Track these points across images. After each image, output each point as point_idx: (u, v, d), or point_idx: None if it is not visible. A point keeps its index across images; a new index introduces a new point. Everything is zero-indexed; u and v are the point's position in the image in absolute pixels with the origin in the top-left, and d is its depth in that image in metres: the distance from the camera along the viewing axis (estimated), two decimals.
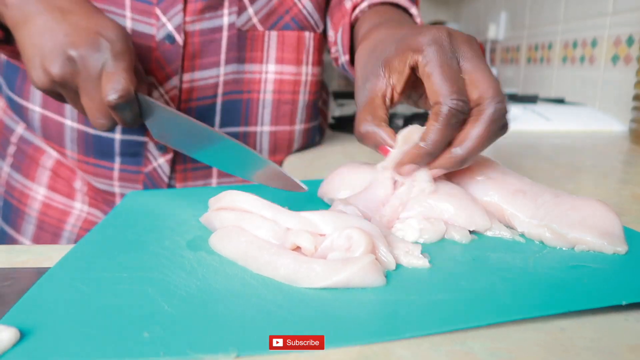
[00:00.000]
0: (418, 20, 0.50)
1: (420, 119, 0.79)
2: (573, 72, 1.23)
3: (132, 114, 0.42)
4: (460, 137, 0.33)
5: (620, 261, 0.30)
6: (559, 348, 0.21)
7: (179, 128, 0.42)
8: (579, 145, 0.79)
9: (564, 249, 0.32)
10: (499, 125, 0.34)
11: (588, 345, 0.21)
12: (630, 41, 1.01)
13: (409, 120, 0.80)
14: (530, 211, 0.34)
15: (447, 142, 0.34)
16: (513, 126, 0.97)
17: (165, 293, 0.26)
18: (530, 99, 1.21)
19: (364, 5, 0.51)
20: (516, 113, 1.03)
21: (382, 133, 0.35)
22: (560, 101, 1.19)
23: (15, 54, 0.49)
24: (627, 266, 0.29)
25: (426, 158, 0.34)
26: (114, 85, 0.40)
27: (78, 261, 0.30)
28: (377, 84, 0.37)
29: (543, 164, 0.62)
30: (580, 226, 0.32)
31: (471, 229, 0.34)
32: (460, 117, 0.33)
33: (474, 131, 0.33)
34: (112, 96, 0.40)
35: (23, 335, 0.21)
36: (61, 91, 0.42)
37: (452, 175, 0.38)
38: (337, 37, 0.58)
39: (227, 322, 0.23)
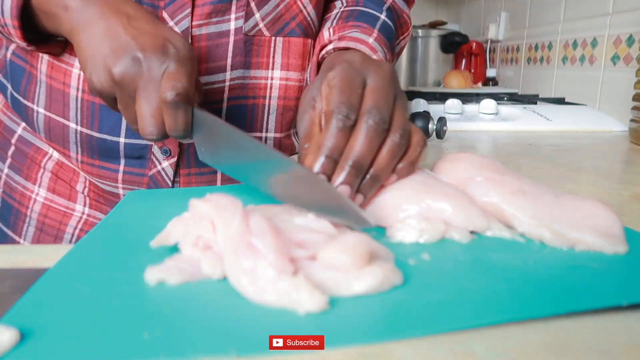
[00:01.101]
0: None
1: (420, 117, 0.79)
2: (573, 72, 1.23)
3: (185, 119, 0.41)
4: (348, 148, 0.36)
5: (621, 261, 0.30)
6: (559, 348, 0.21)
7: (231, 146, 0.40)
8: (579, 145, 0.79)
9: (564, 249, 0.32)
10: (376, 136, 0.36)
11: (588, 345, 0.21)
12: (630, 41, 1.01)
13: (409, 119, 0.79)
14: (531, 211, 0.34)
15: (342, 148, 0.36)
16: (513, 126, 0.98)
17: (165, 293, 0.26)
18: (530, 99, 1.22)
19: (329, 47, 0.53)
20: (516, 113, 1.03)
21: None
22: (560, 101, 1.19)
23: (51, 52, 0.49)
24: (627, 266, 0.29)
25: (328, 164, 0.36)
26: (174, 83, 0.39)
27: (78, 261, 0.30)
28: (313, 113, 0.40)
29: (543, 164, 0.62)
30: (581, 226, 0.32)
31: (469, 229, 0.34)
32: (346, 122, 0.36)
33: (353, 142, 0.36)
34: (170, 92, 0.39)
35: (23, 336, 0.21)
36: (117, 93, 0.42)
37: (450, 175, 0.38)
38: (305, 75, 0.61)
39: (227, 322, 0.23)
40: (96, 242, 0.33)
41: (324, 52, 0.54)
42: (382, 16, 0.57)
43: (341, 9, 0.60)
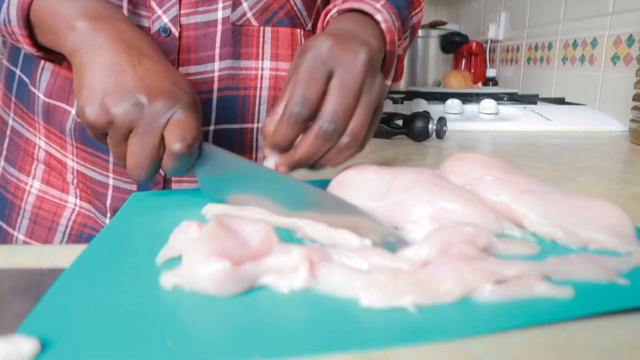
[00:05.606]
0: (383, 26, 0.46)
1: (420, 117, 0.79)
2: (573, 72, 1.23)
3: (188, 164, 0.40)
4: (298, 144, 0.39)
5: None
6: (559, 348, 0.21)
7: (237, 175, 0.39)
8: (579, 145, 0.80)
9: (575, 248, 0.31)
10: (325, 143, 0.38)
11: (588, 345, 0.21)
12: (630, 41, 1.01)
13: (409, 120, 0.80)
14: (541, 211, 0.34)
15: (289, 141, 0.39)
16: (513, 126, 0.98)
17: (183, 298, 0.25)
18: (530, 99, 1.22)
19: (333, 11, 0.50)
20: (516, 113, 1.03)
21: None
22: (560, 101, 1.19)
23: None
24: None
25: (270, 152, 0.40)
26: (184, 133, 0.38)
27: (91, 265, 0.29)
28: (282, 94, 0.40)
29: (543, 164, 0.62)
30: (593, 225, 0.32)
31: None
32: (298, 119, 0.37)
33: (302, 142, 0.38)
34: (179, 144, 0.38)
35: (43, 346, 0.20)
36: (111, 132, 0.39)
37: (458, 175, 0.38)
38: None
39: (248, 326, 0.22)
40: (106, 246, 0.32)
41: (328, 17, 0.51)
42: None
43: None
